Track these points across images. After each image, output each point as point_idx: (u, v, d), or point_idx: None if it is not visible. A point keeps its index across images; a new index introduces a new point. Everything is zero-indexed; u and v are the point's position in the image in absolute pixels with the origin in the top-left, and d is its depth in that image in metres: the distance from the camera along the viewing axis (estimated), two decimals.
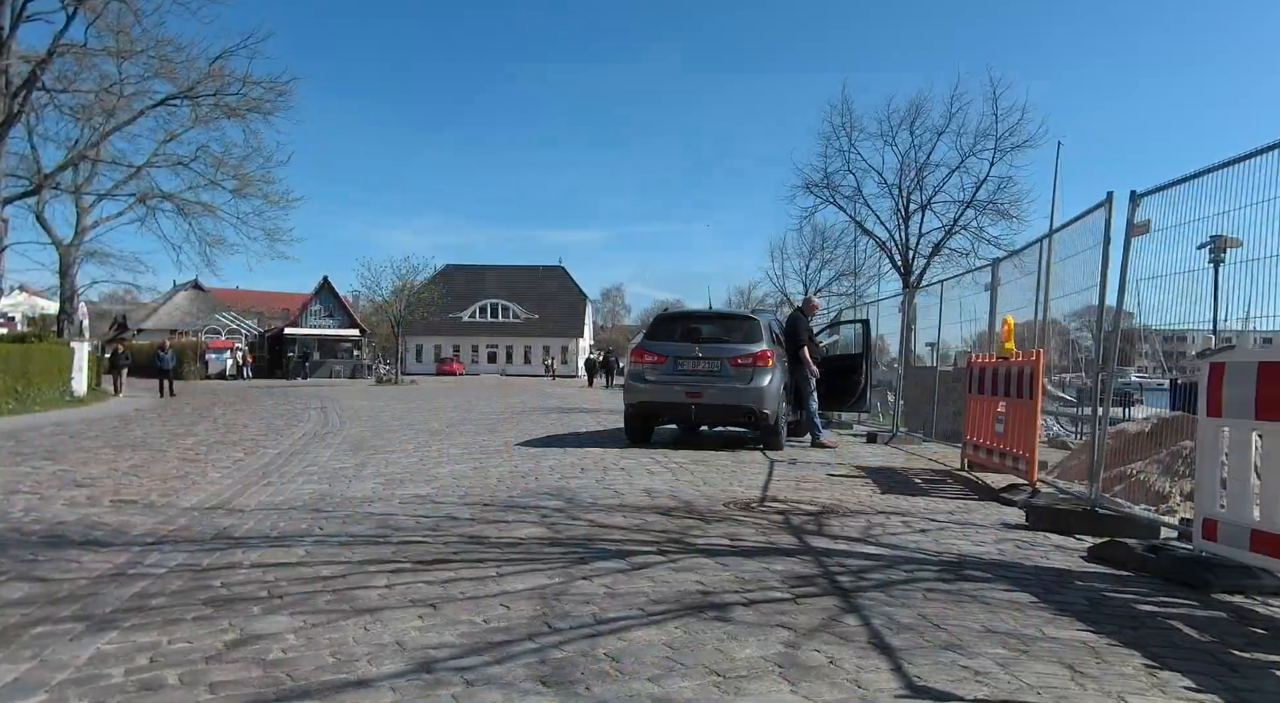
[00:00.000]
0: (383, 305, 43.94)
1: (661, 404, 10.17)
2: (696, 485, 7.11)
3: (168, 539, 5.00)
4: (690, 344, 10.33)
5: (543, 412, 18.81)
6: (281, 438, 12.57)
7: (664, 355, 10.27)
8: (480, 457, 9.57)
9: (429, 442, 11.61)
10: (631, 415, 10.50)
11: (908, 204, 18.17)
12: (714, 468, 8.36)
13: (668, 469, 8.17)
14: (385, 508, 6.08)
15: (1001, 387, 7.55)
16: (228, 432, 13.47)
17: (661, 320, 10.84)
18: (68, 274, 29.31)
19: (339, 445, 11.37)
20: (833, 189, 18.67)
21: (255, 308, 69.12)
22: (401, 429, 14.01)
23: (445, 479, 7.68)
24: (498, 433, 12.98)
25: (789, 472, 8.20)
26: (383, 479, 7.71)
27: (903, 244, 18.13)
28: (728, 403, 9.92)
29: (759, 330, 10.36)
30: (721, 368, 10.04)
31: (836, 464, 9.00)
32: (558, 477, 7.69)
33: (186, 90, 27.27)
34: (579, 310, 79.17)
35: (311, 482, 7.67)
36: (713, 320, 11.18)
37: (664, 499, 6.36)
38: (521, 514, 5.70)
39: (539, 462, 8.87)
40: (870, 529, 5.20)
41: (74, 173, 30.04)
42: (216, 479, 7.85)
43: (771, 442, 10.23)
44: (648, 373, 10.30)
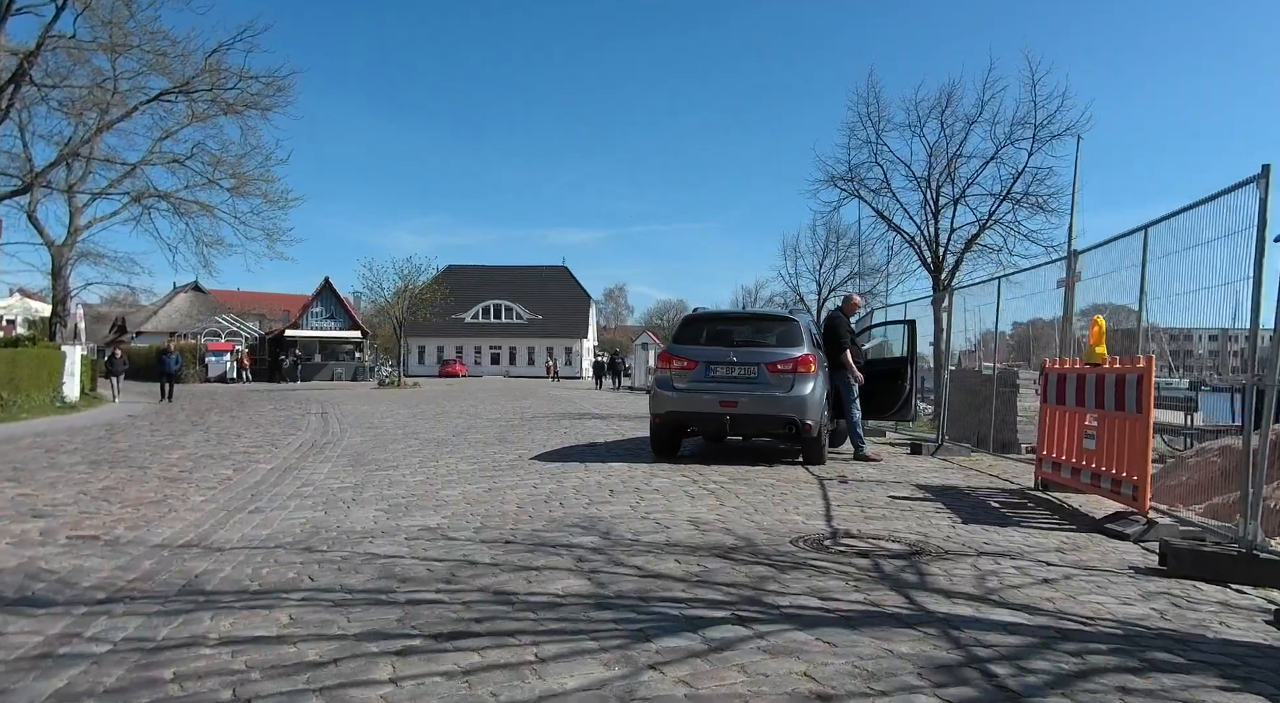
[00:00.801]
0: (385, 307, 43.04)
1: (692, 414, 9.23)
2: (748, 514, 6.17)
3: (123, 594, 4.07)
4: (724, 348, 9.38)
5: (553, 418, 17.88)
6: (276, 449, 11.65)
7: (694, 360, 9.33)
8: (493, 474, 8.63)
9: (435, 454, 10.68)
10: (658, 427, 9.55)
11: (938, 198, 17.19)
12: (759, 489, 7.42)
13: (707, 492, 7.23)
14: (389, 547, 5.14)
15: (1092, 397, 6.60)
16: (219, 443, 12.55)
17: (690, 322, 9.91)
18: (60, 276, 28.44)
19: (338, 459, 10.44)
20: (858, 182, 17.70)
21: (256, 310, 68.25)
22: (405, 439, 13.08)
23: (456, 504, 6.74)
24: (509, 444, 12.05)
25: (845, 494, 7.25)
26: (385, 505, 6.78)
27: (932, 240, 17.15)
28: (766, 413, 8.98)
29: (799, 332, 9.42)
30: (759, 374, 9.10)
31: (892, 483, 8.06)
32: (585, 501, 6.75)
33: (182, 85, 26.35)
34: (583, 311, 78.25)
35: (305, 508, 6.74)
36: (747, 322, 10.21)
37: (717, 534, 5.42)
38: (552, 557, 4.76)
39: (561, 481, 7.93)
40: (984, 580, 4.25)
41: (67, 171, 29.17)
42: (198, 505, 6.92)
43: (814, 455, 9.29)
44: (676, 380, 9.36)
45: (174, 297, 72.88)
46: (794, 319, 9.66)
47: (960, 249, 16.80)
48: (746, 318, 10.39)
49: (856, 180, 17.78)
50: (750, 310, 11.76)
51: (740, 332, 9.74)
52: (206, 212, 30.62)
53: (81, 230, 29.07)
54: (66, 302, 28.66)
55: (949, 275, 17.11)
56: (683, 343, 9.63)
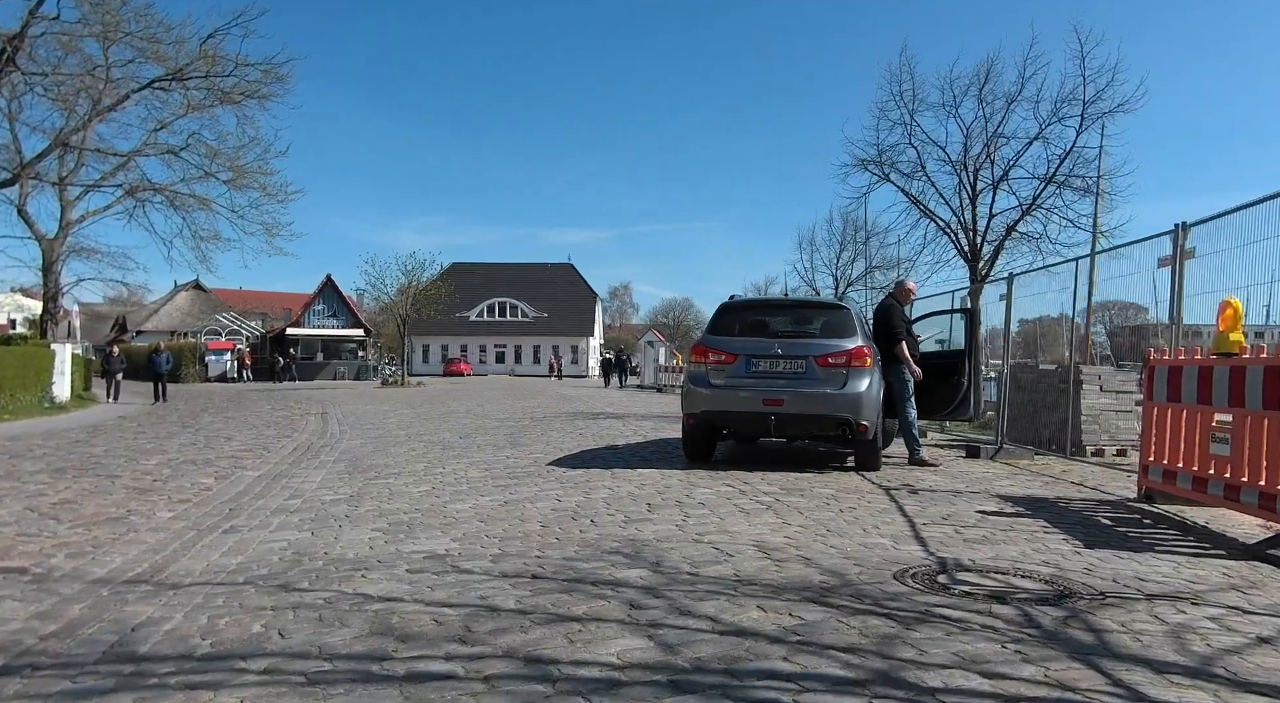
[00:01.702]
0: (389, 305, 42.03)
1: (731, 414, 8.16)
2: (821, 535, 5.10)
3: (24, 662, 3.02)
4: (766, 339, 8.32)
5: (565, 418, 16.83)
6: (268, 453, 10.61)
7: (733, 354, 8.26)
8: (508, 483, 7.58)
9: (442, 459, 9.63)
10: (692, 428, 8.48)
11: (975, 181, 16.10)
12: (820, 502, 6.35)
13: (761, 505, 6.16)
14: (386, 583, 4.09)
15: (1224, 393, 5.53)
16: (206, 446, 11.51)
17: (727, 311, 8.83)
18: (52, 271, 27.45)
19: (333, 465, 9.40)
20: (888, 166, 16.61)
21: (258, 308, 67.37)
22: (409, 441, 12.04)
23: (468, 522, 5.69)
24: (522, 446, 10.99)
25: (923, 507, 6.18)
26: (384, 523, 5.73)
27: (970, 227, 16.06)
28: (816, 412, 7.91)
29: (851, 322, 8.35)
30: (807, 369, 8.03)
31: (969, 493, 6.98)
32: (621, 518, 5.69)
33: (176, 72, 25.35)
34: (589, 309, 77.20)
35: (289, 527, 5.69)
36: (792, 310, 9.10)
37: (796, 565, 4.35)
38: (596, 600, 3.70)
39: (588, 492, 6.87)
40: (1183, 640, 3.17)
41: (58, 164, 28.21)
42: (164, 523, 5.87)
43: (869, 460, 8.22)
44: (713, 376, 8.29)
45: (175, 295, 72.11)
46: (845, 307, 8.57)
47: (1000, 235, 15.69)
48: (791, 306, 9.30)
49: (887, 164, 16.69)
50: (795, 297, 10.56)
51: (784, 321, 8.66)
52: (204, 206, 29.67)
53: (73, 225, 28.08)
54: (58, 298, 27.70)
55: (987, 265, 16.03)
56: (719, 334, 8.56)
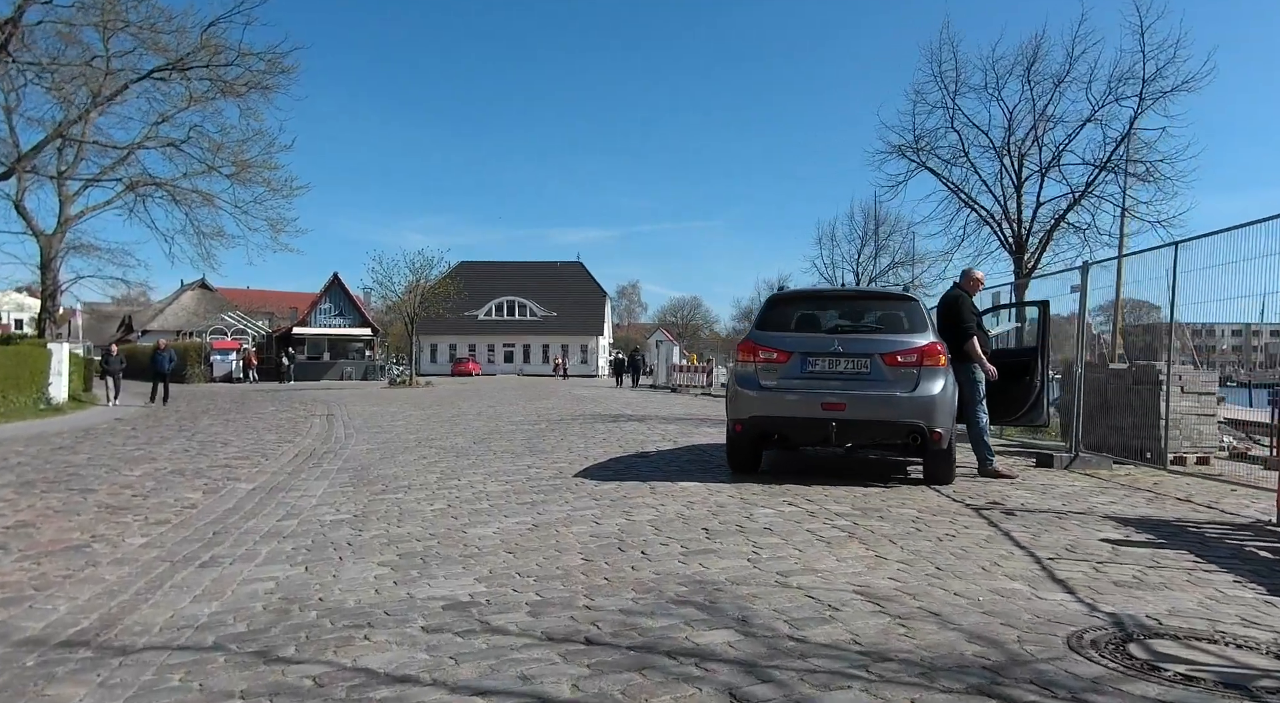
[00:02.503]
0: (397, 304, 41.13)
1: (786, 420, 7.17)
2: (933, 576, 4.12)
3: None
4: (824, 335, 7.33)
5: (584, 421, 15.87)
6: (266, 461, 9.70)
7: (786, 351, 7.28)
8: (534, 499, 6.63)
9: (456, 469, 8.69)
10: (739, 435, 7.50)
11: (1020, 168, 15.07)
12: (906, 526, 5.36)
13: (841, 531, 5.18)
14: (397, 650, 3.14)
15: None
16: (200, 453, 10.60)
17: (777, 303, 7.84)
18: (50, 268, 26.61)
19: (336, 475, 8.47)
20: (926, 152, 15.58)
21: (265, 308, 66.66)
22: (418, 447, 11.10)
23: (494, 554, 4.73)
24: (542, 454, 10.04)
25: (1034, 535, 5.18)
26: (393, 554, 4.78)
27: (1014, 217, 15.03)
28: (883, 418, 6.93)
29: (921, 315, 7.36)
30: (872, 368, 7.05)
31: (1075, 515, 5.98)
32: (678, 549, 4.72)
33: (176, 62, 24.45)
34: (598, 307, 76.22)
35: (279, 558, 4.75)
36: (852, 301, 8.06)
37: (928, 627, 3.35)
38: (679, 687, 2.73)
39: (630, 513, 5.90)
40: None
41: (57, 158, 27.40)
42: (131, 553, 4.94)
43: (942, 472, 7.23)
44: (763, 376, 7.31)
45: (180, 295, 71.49)
46: (913, 298, 7.57)
47: (1049, 225, 14.65)
48: (851, 297, 8.26)
49: (925, 150, 15.67)
50: (855, 287, 9.49)
51: (843, 314, 7.67)
52: (207, 201, 28.81)
53: (72, 220, 27.22)
54: (57, 296, 26.89)
55: (1034, 257, 15.01)
56: (769, 329, 7.57)
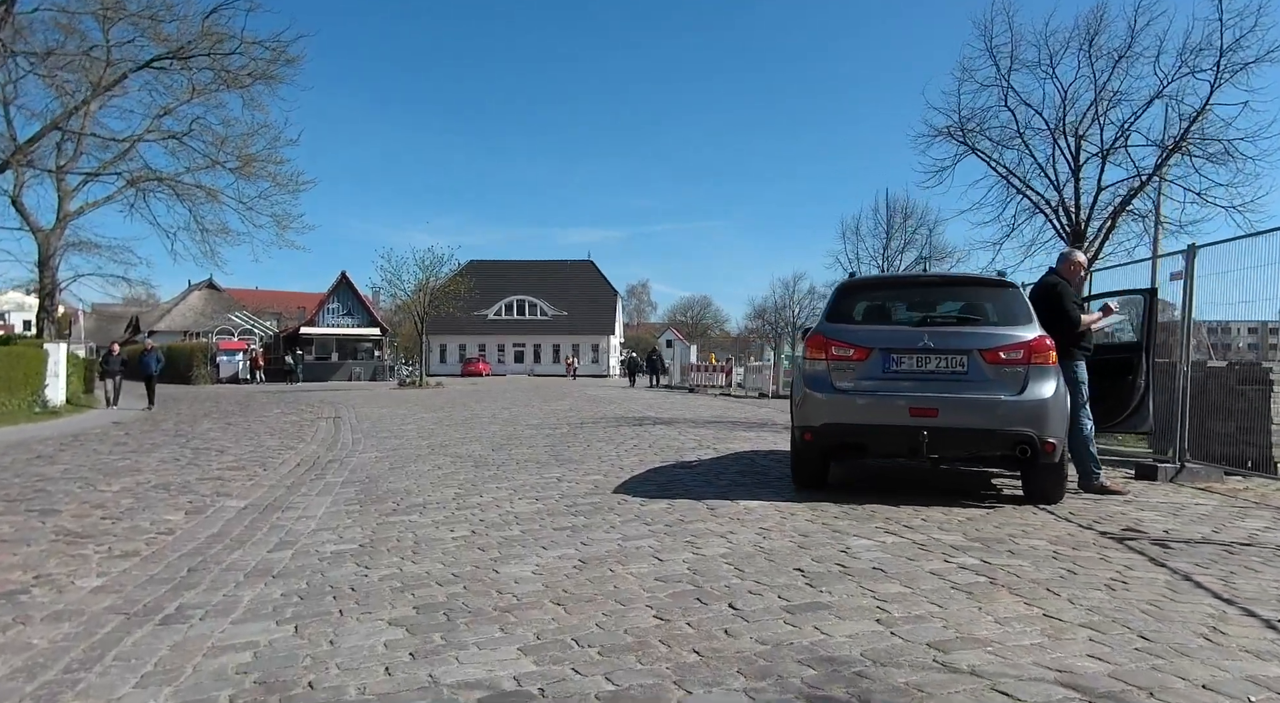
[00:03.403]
0: (406, 303, 40.15)
1: (866, 428, 6.08)
2: (1150, 653, 3.02)
3: None
4: (912, 328, 6.24)
5: (606, 424, 14.82)
6: (264, 473, 8.68)
7: (865, 347, 6.20)
8: (574, 523, 5.58)
9: (475, 482, 7.65)
10: (808, 446, 6.41)
11: (1078, 151, 13.93)
12: (1051, 568, 4.25)
13: (974, 574, 4.09)
14: None
15: None
16: (191, 463, 9.59)
17: (851, 291, 6.76)
18: (48, 266, 25.71)
19: (341, 490, 7.45)
20: (974, 134, 14.45)
21: (273, 308, 65.87)
22: (432, 454, 10.07)
23: (536, 608, 3.67)
24: (571, 463, 8.99)
25: (1227, 580, 4.04)
26: (409, 608, 3.73)
27: (1073, 203, 13.89)
28: (985, 426, 5.84)
29: (1023, 304, 6.27)
30: (970, 367, 5.96)
31: (1240, 547, 4.89)
32: (778, 603, 3.64)
33: (176, 50, 23.49)
34: (609, 306, 75.18)
35: (262, 611, 3.71)
36: (939, 288, 6.89)
37: None
38: None
39: (695, 544, 4.83)
40: None
41: (56, 152, 26.50)
42: (77, 603, 3.91)
43: (1050, 488, 6.14)
44: (837, 377, 6.23)
45: (188, 295, 70.81)
46: (1013, 284, 6.45)
47: (1112, 210, 13.50)
48: (940, 282, 7.11)
49: (974, 132, 14.53)
50: (942, 273, 8.32)
51: (930, 304, 6.56)
52: (211, 197, 27.89)
53: (71, 216, 26.33)
54: (55, 295, 25.98)
55: (1095, 246, 13.87)
56: (843, 321, 6.49)
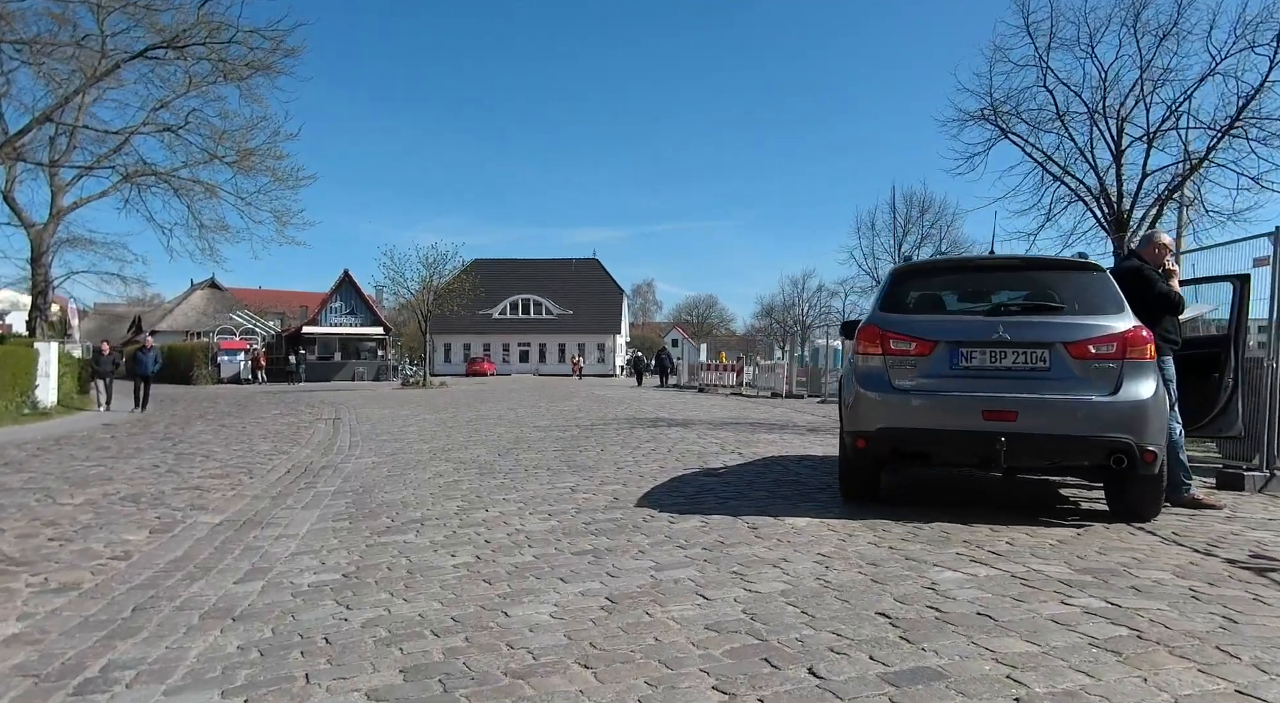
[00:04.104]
0: (409, 303, 39.36)
1: (931, 434, 5.26)
2: None
3: None
4: (983, 318, 5.41)
5: (618, 426, 14.00)
6: (249, 481, 7.90)
7: (929, 340, 5.37)
8: (596, 546, 4.77)
9: (481, 493, 6.85)
10: (861, 454, 5.58)
11: (1120, 134, 13.07)
12: (1198, 612, 3.41)
13: (1106, 621, 3.26)
14: None
15: None
16: (171, 470, 8.81)
17: (910, 276, 5.90)
18: (41, 263, 25.03)
19: (330, 502, 6.65)
20: (1007, 116, 13.58)
21: (276, 308, 65.16)
22: (433, 459, 9.28)
23: (559, 673, 2.85)
24: (585, 470, 8.18)
25: None
26: (394, 673, 2.91)
27: (1115, 190, 13.03)
28: (1074, 432, 5.00)
29: (1113, 290, 5.42)
30: (1053, 363, 5.14)
31: None
32: (872, 665, 2.81)
33: (171, 39, 22.72)
34: (615, 305, 74.32)
35: (207, 681, 2.90)
36: (1014, 272, 5.90)
37: None
38: None
39: (746, 577, 4.01)
40: None
41: (49, 146, 25.78)
42: None
43: (1147, 504, 5.30)
44: (896, 374, 5.41)
45: (190, 294, 70.21)
46: (1099, 266, 5.61)
47: (1162, 196, 12.62)
48: (1010, 266, 6.14)
49: (1009, 115, 13.66)
50: (1016, 255, 7.38)
51: (1000, 290, 5.72)
52: (210, 192, 27.17)
53: (65, 212, 25.63)
54: (48, 293, 25.27)
55: (1136, 236, 12.99)
56: (900, 311, 5.66)
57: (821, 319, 62.41)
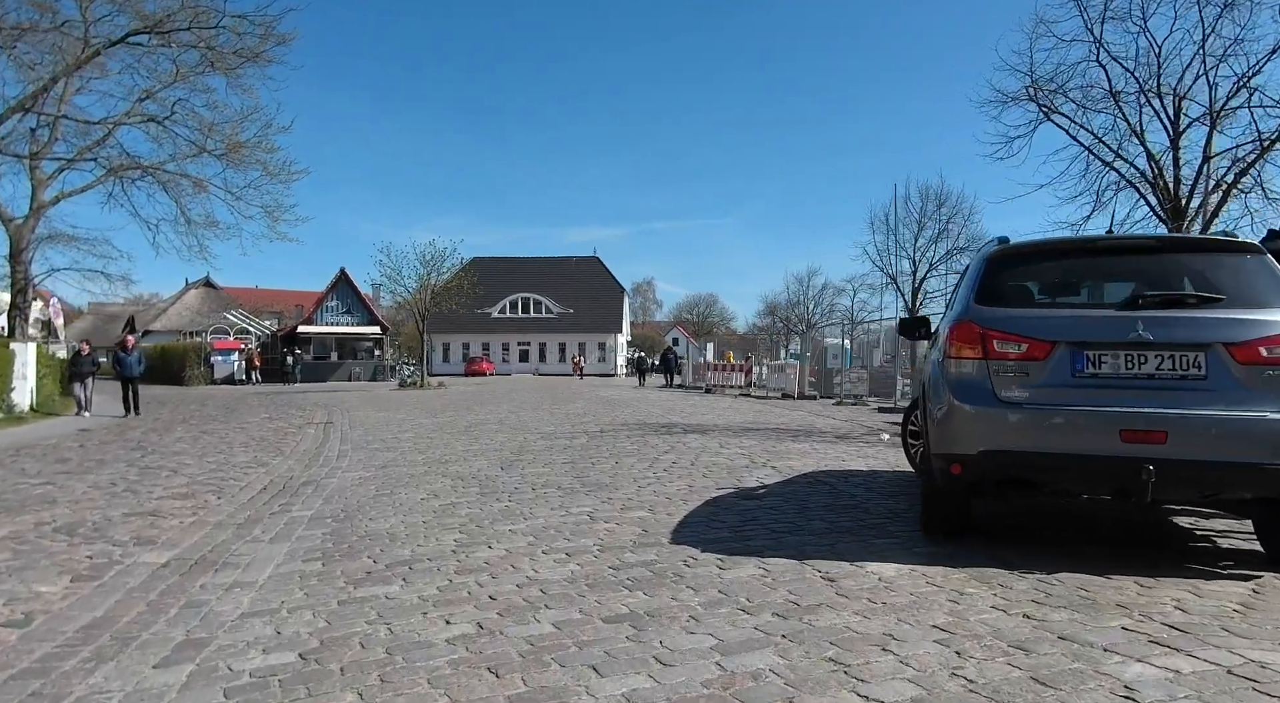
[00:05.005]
0: (407, 302, 38.25)
1: (1052, 458, 4.16)
2: None
3: None
4: (1115, 313, 4.30)
5: (630, 432, 12.93)
6: (217, 502, 6.82)
7: (1045, 340, 4.28)
8: (632, 607, 3.69)
9: (483, 521, 5.77)
10: (953, 480, 4.48)
11: (1177, 115, 11.98)
12: None
13: None
14: None
15: None
16: (130, 487, 7.73)
17: (1009, 261, 4.74)
18: (20, 260, 23.88)
19: (304, 533, 5.57)
20: (1052, 94, 12.48)
21: (272, 307, 64.06)
22: (429, 475, 8.19)
23: None
24: (602, 489, 7.10)
25: None
26: None
27: (1172, 176, 11.94)
28: (1246, 459, 3.90)
29: (1278, 278, 4.34)
30: (1210, 369, 4.05)
31: None
32: None
33: (154, 24, 21.60)
34: (616, 303, 73.19)
35: None
36: (1150, 255, 4.68)
37: None
38: None
39: (847, 666, 2.94)
40: None
41: (30, 138, 24.63)
42: None
43: None
44: (1002, 383, 4.32)
45: (184, 293, 69.19)
46: (1258, 247, 4.52)
47: (1219, 183, 11.52)
48: (1147, 247, 4.97)
49: (1051, 92, 12.56)
50: (1147, 234, 6.27)
51: (1140, 277, 4.58)
52: (198, 187, 26.05)
53: (46, 206, 24.49)
54: (27, 291, 24.13)
55: (1198, 227, 11.92)
56: (1004, 303, 4.57)
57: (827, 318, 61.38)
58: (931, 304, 34.95)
